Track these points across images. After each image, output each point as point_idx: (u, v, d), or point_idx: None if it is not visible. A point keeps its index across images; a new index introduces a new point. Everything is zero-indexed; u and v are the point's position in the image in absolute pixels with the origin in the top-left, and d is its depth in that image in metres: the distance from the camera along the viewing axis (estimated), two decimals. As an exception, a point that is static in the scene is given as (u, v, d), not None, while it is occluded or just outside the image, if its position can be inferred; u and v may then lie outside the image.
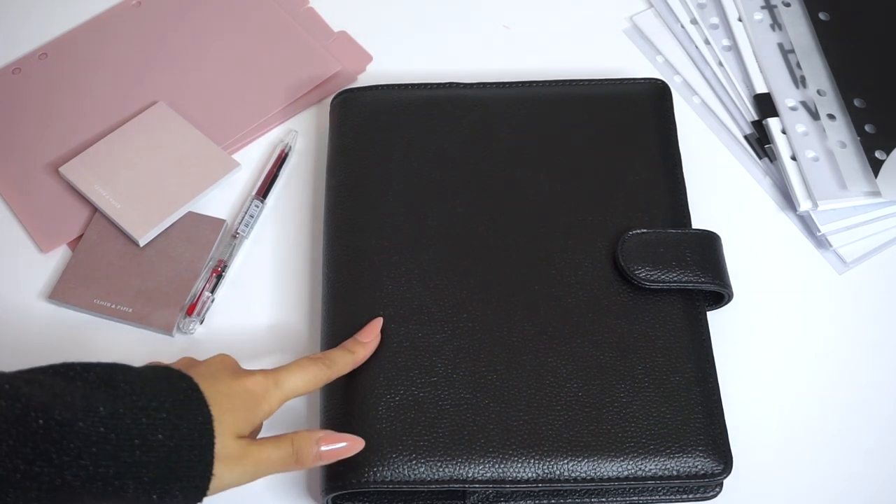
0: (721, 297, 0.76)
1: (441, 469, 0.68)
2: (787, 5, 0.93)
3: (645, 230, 0.76)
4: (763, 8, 0.93)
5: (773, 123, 0.86)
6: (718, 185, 0.85)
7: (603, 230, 0.77)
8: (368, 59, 0.92)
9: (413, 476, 0.68)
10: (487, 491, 0.70)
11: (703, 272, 0.75)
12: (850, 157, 0.84)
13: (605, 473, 0.68)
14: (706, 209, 0.82)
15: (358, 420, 0.70)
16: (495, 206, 0.78)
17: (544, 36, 0.94)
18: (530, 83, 0.85)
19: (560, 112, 0.83)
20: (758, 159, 0.87)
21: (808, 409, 0.76)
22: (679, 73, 0.91)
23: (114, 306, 0.78)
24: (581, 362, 0.72)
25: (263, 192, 0.84)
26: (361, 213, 0.78)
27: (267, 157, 0.86)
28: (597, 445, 0.69)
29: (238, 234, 0.82)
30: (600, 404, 0.70)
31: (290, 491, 0.72)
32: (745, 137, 0.88)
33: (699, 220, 0.81)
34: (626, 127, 0.82)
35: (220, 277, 0.80)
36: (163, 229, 0.81)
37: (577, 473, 0.68)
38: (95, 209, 0.82)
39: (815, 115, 0.86)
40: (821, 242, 0.83)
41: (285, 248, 0.82)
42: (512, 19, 0.95)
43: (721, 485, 0.72)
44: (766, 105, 0.88)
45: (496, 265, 0.76)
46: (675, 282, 0.74)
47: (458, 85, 0.85)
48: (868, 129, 0.84)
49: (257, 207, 0.83)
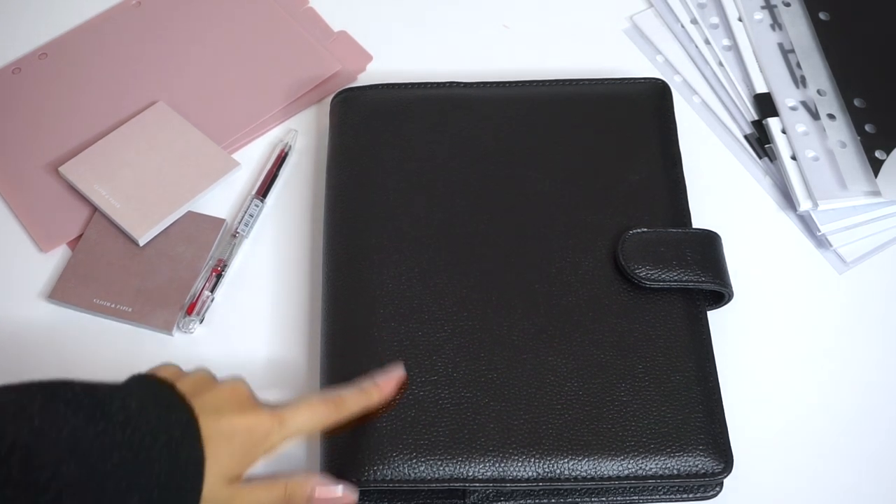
0: (721, 296, 0.76)
1: (441, 468, 0.68)
2: (788, 5, 0.93)
3: (645, 229, 0.76)
4: (763, 8, 0.93)
5: (774, 123, 0.87)
6: (718, 184, 0.85)
7: (603, 229, 0.77)
8: (368, 58, 0.92)
9: (413, 475, 0.68)
10: (487, 490, 0.70)
11: (703, 272, 0.75)
12: (850, 156, 0.84)
13: (606, 472, 0.68)
14: (706, 209, 0.82)
15: (358, 418, 0.70)
16: (495, 205, 0.78)
17: (544, 36, 0.94)
18: (530, 83, 0.85)
19: (560, 112, 0.83)
20: (758, 159, 0.87)
21: (808, 409, 0.76)
22: (679, 73, 0.91)
23: (114, 306, 0.78)
24: (581, 361, 0.72)
25: (263, 192, 0.84)
26: (361, 213, 0.78)
27: (267, 157, 0.86)
28: (597, 444, 0.69)
29: (238, 233, 0.82)
30: (600, 403, 0.70)
31: (290, 490, 0.72)
32: (745, 137, 0.88)
33: (699, 220, 0.81)
34: (626, 126, 0.82)
35: (219, 277, 0.80)
36: (163, 229, 0.81)
37: (578, 472, 0.68)
38: (95, 209, 0.82)
39: (816, 115, 0.86)
40: (821, 242, 0.83)
41: (285, 247, 0.82)
42: (512, 19, 0.95)
43: (721, 484, 0.72)
44: (766, 105, 0.88)
45: (496, 264, 0.76)
46: (676, 281, 0.74)
47: (458, 85, 0.85)
48: (868, 128, 0.84)
49: (257, 207, 0.83)
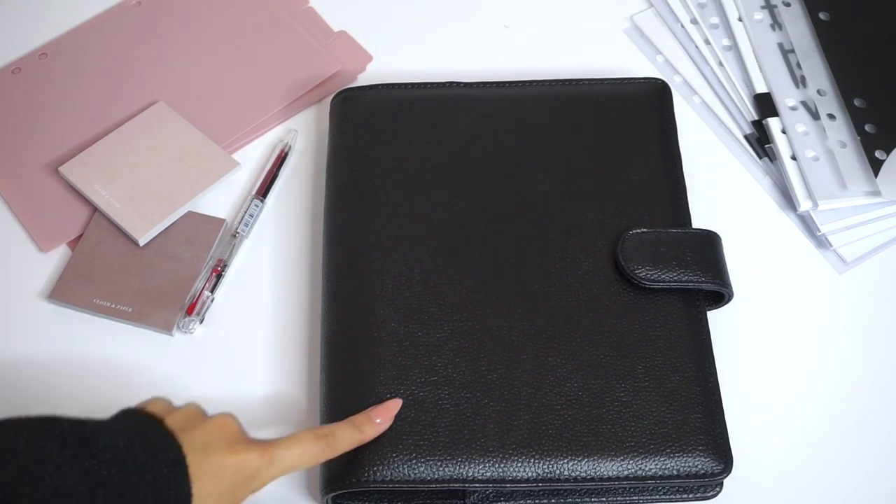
0: (721, 296, 0.76)
1: (441, 468, 0.68)
2: (788, 5, 0.93)
3: (645, 230, 0.76)
4: (763, 8, 0.93)
5: (774, 123, 0.86)
6: (718, 185, 0.85)
7: (603, 229, 0.77)
8: (368, 58, 0.92)
9: (413, 475, 0.68)
10: (487, 490, 0.70)
11: (703, 272, 0.75)
12: (851, 156, 0.84)
13: (606, 473, 0.68)
14: (706, 209, 0.82)
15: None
16: (495, 205, 0.78)
17: (544, 36, 0.94)
18: (530, 83, 0.85)
19: (560, 112, 0.83)
20: (758, 159, 0.87)
21: (808, 409, 0.76)
22: (679, 73, 0.91)
23: (114, 306, 0.78)
24: (581, 362, 0.72)
25: (263, 192, 0.84)
26: (361, 213, 0.78)
27: (267, 157, 0.86)
28: (597, 445, 0.69)
29: (238, 233, 0.82)
30: (600, 404, 0.70)
31: (289, 491, 0.72)
32: (745, 137, 0.88)
33: (699, 220, 0.81)
34: (626, 126, 0.82)
35: (219, 277, 0.80)
36: (163, 229, 0.81)
37: (578, 473, 0.68)
38: (95, 209, 0.82)
39: (816, 115, 0.86)
40: (821, 242, 0.83)
41: (285, 247, 0.82)
42: (512, 19, 0.95)
43: (721, 484, 0.72)
44: (766, 105, 0.88)
45: (496, 264, 0.76)
46: (676, 281, 0.74)
47: (458, 85, 0.85)
48: (868, 128, 0.84)
49: (257, 207, 0.83)
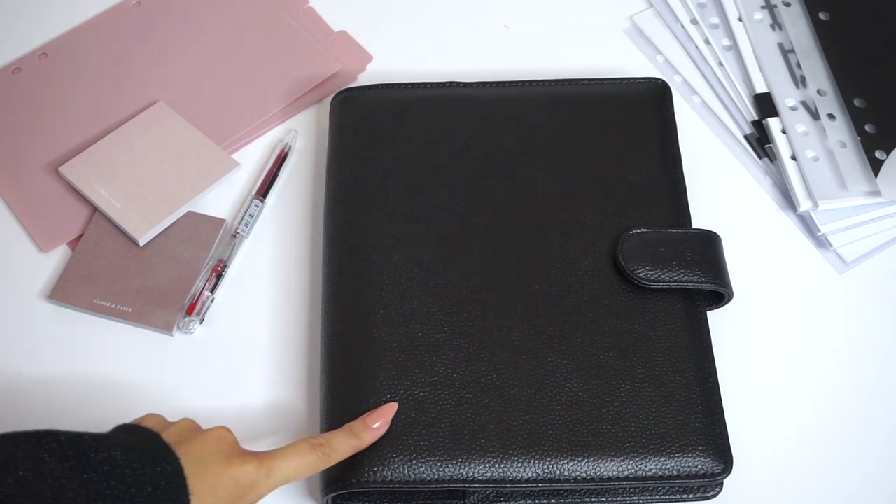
0: (721, 296, 0.76)
1: (441, 469, 0.68)
2: (788, 5, 0.93)
3: (645, 230, 0.76)
4: (763, 8, 0.93)
5: (773, 123, 0.86)
6: (718, 185, 0.85)
7: (603, 230, 0.77)
8: (368, 58, 0.92)
9: (413, 476, 0.68)
10: (487, 491, 0.70)
11: (703, 272, 0.75)
12: (851, 156, 0.84)
13: (605, 473, 0.68)
14: (706, 209, 0.82)
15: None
16: (495, 205, 0.78)
17: (544, 36, 0.94)
18: (530, 83, 0.85)
19: (560, 112, 0.83)
20: (758, 159, 0.87)
21: (808, 409, 0.76)
22: (679, 73, 0.91)
23: (114, 306, 0.78)
24: (581, 362, 0.72)
25: (263, 192, 0.84)
26: (361, 213, 0.78)
27: (267, 157, 0.86)
28: (597, 445, 0.69)
29: (238, 233, 0.82)
30: (600, 404, 0.70)
31: (289, 491, 0.72)
32: (745, 137, 0.88)
33: (699, 220, 0.81)
34: (626, 126, 0.82)
35: (219, 277, 0.80)
36: (163, 229, 0.81)
37: (578, 473, 0.68)
38: (95, 209, 0.82)
39: (816, 115, 0.86)
40: (821, 242, 0.83)
41: (285, 247, 0.82)
42: (512, 19, 0.95)
43: (721, 484, 0.72)
44: (766, 105, 0.88)
45: (496, 265, 0.76)
46: (676, 281, 0.74)
47: (458, 85, 0.85)
48: (868, 128, 0.84)
49: (257, 207, 0.83)
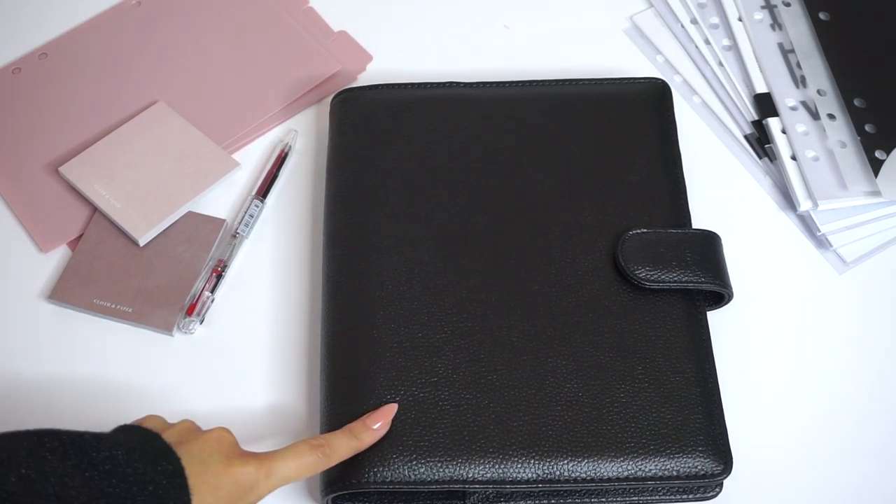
0: (721, 297, 0.76)
1: (441, 469, 0.68)
2: (788, 5, 0.93)
3: (645, 230, 0.76)
4: (763, 8, 0.93)
5: (773, 123, 0.86)
6: (718, 185, 0.85)
7: (603, 230, 0.77)
8: (368, 58, 0.92)
9: (413, 476, 0.68)
10: (487, 491, 0.70)
11: (703, 272, 0.75)
12: (851, 156, 0.84)
13: (605, 474, 0.68)
14: (706, 209, 0.82)
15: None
16: (495, 205, 0.78)
17: (544, 36, 0.94)
18: (530, 83, 0.85)
19: (560, 112, 0.83)
20: (758, 159, 0.87)
21: (808, 409, 0.76)
22: (679, 73, 0.91)
23: (114, 306, 0.78)
24: (581, 362, 0.72)
25: (263, 192, 0.84)
26: (361, 213, 0.78)
27: (267, 157, 0.86)
28: (597, 446, 0.69)
29: (238, 233, 0.82)
30: (600, 404, 0.70)
31: (289, 491, 0.72)
32: (745, 137, 0.88)
33: (699, 220, 0.81)
34: (626, 126, 0.82)
35: (220, 277, 0.80)
36: (163, 229, 0.81)
37: (577, 474, 0.68)
38: (95, 209, 0.82)
39: (816, 115, 0.86)
40: (821, 242, 0.83)
41: (285, 247, 0.82)
42: (512, 19, 0.95)
43: (721, 485, 0.72)
44: (766, 105, 0.88)
45: (496, 265, 0.76)
46: (676, 282, 0.74)
47: (458, 85, 0.85)
48: (868, 128, 0.84)
49: (257, 207, 0.83)
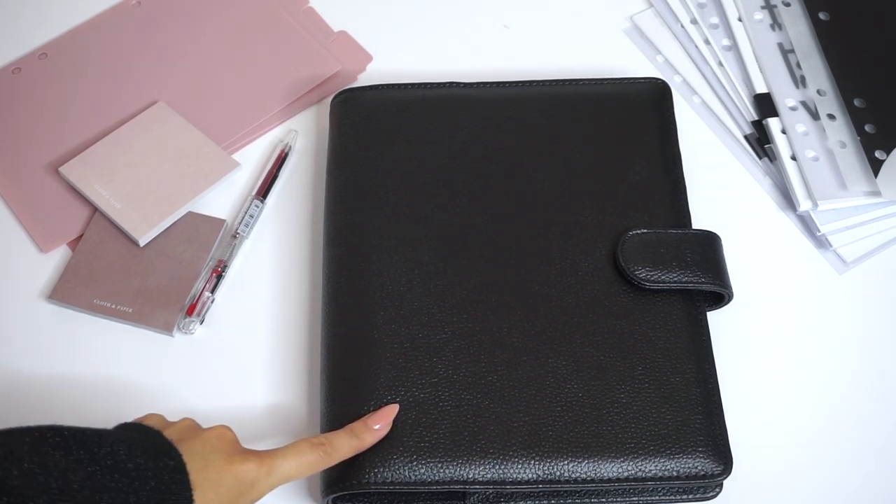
0: (721, 297, 0.76)
1: (441, 470, 0.68)
2: (787, 5, 0.93)
3: (645, 230, 0.76)
4: (763, 8, 0.93)
5: (773, 123, 0.86)
6: (718, 185, 0.85)
7: (603, 230, 0.77)
8: (368, 58, 0.92)
9: (413, 477, 0.68)
10: (488, 492, 0.70)
11: (703, 272, 0.75)
12: (850, 156, 0.84)
13: (606, 474, 0.68)
14: (706, 209, 0.82)
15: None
16: (495, 206, 0.78)
17: (544, 36, 0.94)
18: (530, 83, 0.85)
19: (560, 112, 0.83)
20: (758, 159, 0.87)
21: (808, 409, 0.76)
22: (679, 73, 0.91)
23: (114, 306, 0.78)
24: (581, 363, 0.72)
25: (263, 192, 0.84)
26: (361, 213, 0.78)
27: (267, 157, 0.86)
28: (597, 446, 0.69)
29: (238, 234, 0.82)
30: (600, 405, 0.70)
31: (289, 491, 0.72)
32: (745, 137, 0.88)
33: (699, 220, 0.81)
34: (626, 126, 0.82)
35: (220, 277, 0.80)
36: (163, 229, 0.81)
37: (578, 474, 0.68)
38: (95, 209, 0.82)
39: (815, 115, 0.86)
40: (821, 242, 0.83)
41: (285, 247, 0.82)
42: (512, 19, 0.95)
43: (721, 485, 0.72)
44: (766, 105, 0.88)
45: (496, 265, 0.76)
46: (676, 282, 0.74)
47: (458, 85, 0.85)
48: (868, 128, 0.84)
49: (257, 207, 0.83)
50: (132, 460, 0.58)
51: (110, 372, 0.77)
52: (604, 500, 0.71)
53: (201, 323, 0.78)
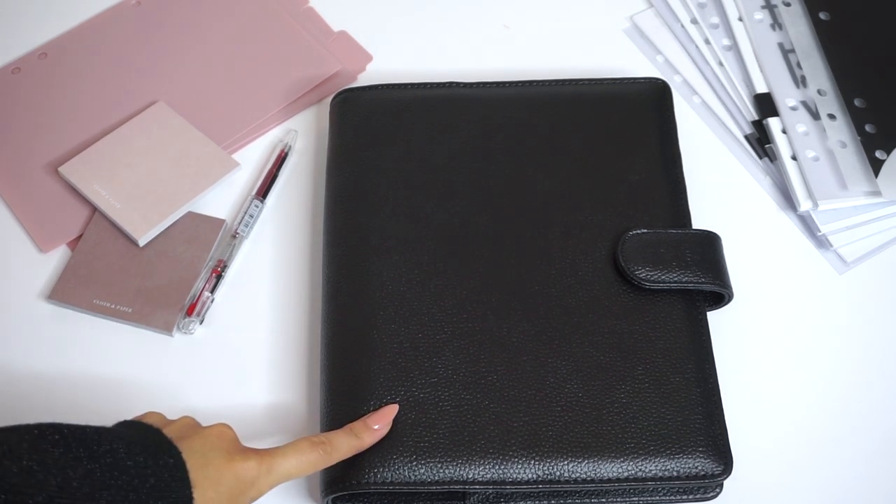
0: (721, 297, 0.76)
1: (441, 470, 0.68)
2: (788, 5, 0.93)
3: (645, 230, 0.76)
4: (763, 7, 0.93)
5: (774, 123, 0.86)
6: (718, 185, 0.85)
7: (603, 230, 0.77)
8: (368, 58, 0.92)
9: (413, 477, 0.68)
10: (487, 492, 0.70)
11: (703, 272, 0.74)
12: (851, 156, 0.84)
13: (606, 474, 0.68)
14: (706, 209, 0.82)
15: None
16: (495, 205, 0.78)
17: (544, 36, 0.94)
18: (530, 83, 0.85)
19: (560, 112, 0.83)
20: (758, 159, 0.87)
21: (807, 410, 0.76)
22: (679, 73, 0.91)
23: (114, 306, 0.78)
24: (581, 363, 0.72)
25: (263, 192, 0.84)
26: (361, 213, 0.78)
27: (267, 157, 0.86)
28: (597, 446, 0.69)
29: (238, 234, 0.82)
30: (600, 405, 0.70)
31: (289, 492, 0.72)
32: (746, 137, 0.88)
33: (699, 220, 0.81)
34: (626, 126, 0.82)
35: (219, 277, 0.80)
36: (163, 229, 0.81)
37: (578, 474, 0.68)
38: (95, 209, 0.82)
39: (816, 115, 0.86)
40: (821, 242, 0.83)
41: (285, 247, 0.82)
42: (512, 19, 0.95)
43: (721, 485, 0.72)
44: (766, 105, 0.88)
45: (496, 265, 0.76)
46: (676, 282, 0.74)
47: (458, 85, 0.85)
48: (868, 128, 0.84)
49: (257, 207, 0.83)
50: (132, 458, 0.58)
51: (110, 372, 0.77)
52: (604, 500, 0.71)
53: (201, 323, 0.78)
